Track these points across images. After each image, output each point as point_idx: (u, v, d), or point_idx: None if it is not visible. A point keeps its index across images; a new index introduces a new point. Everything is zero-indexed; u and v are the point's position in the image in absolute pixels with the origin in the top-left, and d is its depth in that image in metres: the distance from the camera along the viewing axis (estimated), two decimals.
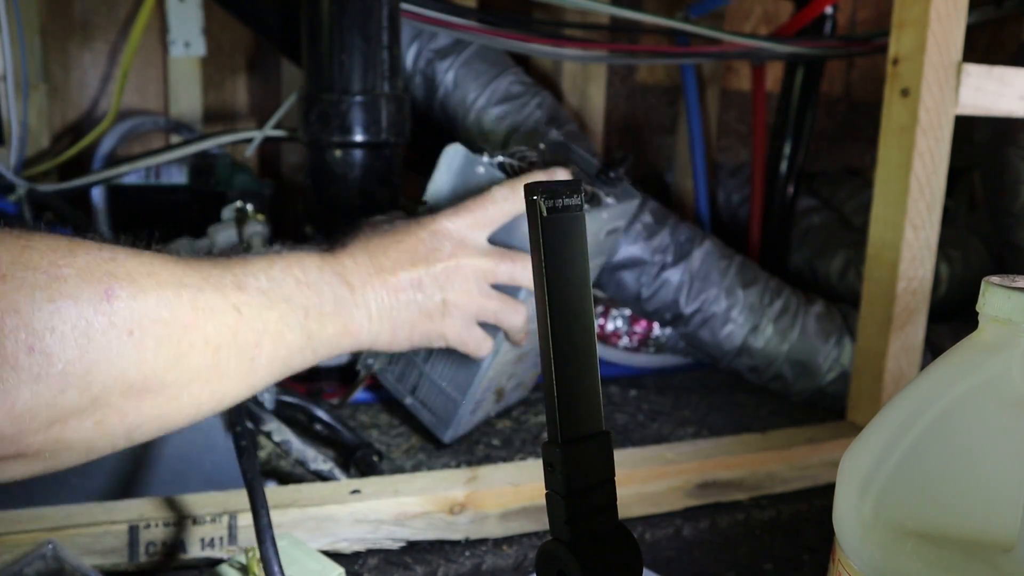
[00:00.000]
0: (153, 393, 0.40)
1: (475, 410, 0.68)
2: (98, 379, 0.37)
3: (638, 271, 0.90)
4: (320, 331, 0.51)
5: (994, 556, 0.29)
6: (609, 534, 0.34)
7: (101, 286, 0.38)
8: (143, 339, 0.39)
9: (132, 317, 0.39)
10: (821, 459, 0.69)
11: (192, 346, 0.42)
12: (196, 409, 0.44)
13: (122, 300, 0.38)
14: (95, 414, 0.38)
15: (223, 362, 0.44)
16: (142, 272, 0.40)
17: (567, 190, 0.32)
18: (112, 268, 0.39)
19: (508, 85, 0.93)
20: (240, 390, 0.46)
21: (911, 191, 0.72)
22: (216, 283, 0.44)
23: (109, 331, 0.38)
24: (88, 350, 0.37)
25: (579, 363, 0.32)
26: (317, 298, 0.51)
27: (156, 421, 0.42)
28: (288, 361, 0.49)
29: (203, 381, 0.43)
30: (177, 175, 1.01)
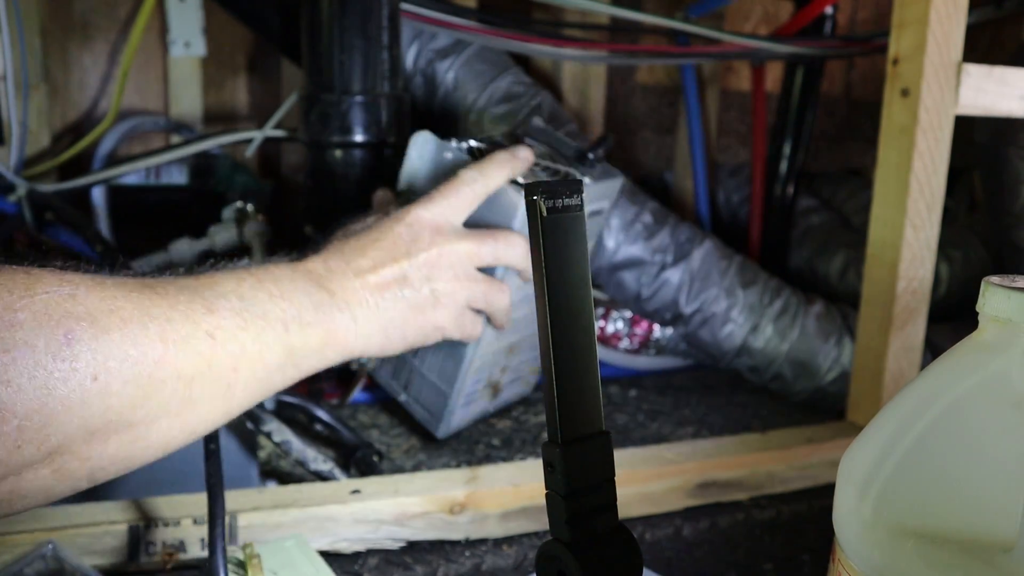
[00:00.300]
0: (118, 434, 0.38)
1: (467, 403, 0.68)
2: (58, 430, 0.35)
3: (638, 271, 0.90)
4: (303, 344, 0.48)
5: (994, 556, 0.29)
6: (609, 534, 0.34)
7: (60, 329, 0.35)
8: (108, 383, 0.37)
9: (95, 360, 0.36)
10: (821, 459, 0.69)
11: (163, 382, 0.39)
12: (165, 444, 0.42)
13: (83, 343, 0.36)
14: (54, 463, 0.36)
15: (196, 394, 0.41)
16: (103, 309, 0.37)
17: (567, 190, 0.32)
18: (71, 307, 0.36)
19: (508, 85, 0.93)
20: (215, 417, 0.44)
21: (911, 191, 0.72)
22: (185, 310, 0.42)
23: (71, 378, 0.35)
24: (47, 402, 0.34)
25: (579, 363, 0.32)
26: (295, 309, 0.48)
27: (121, 462, 0.39)
28: (267, 382, 0.47)
29: (173, 415, 0.41)
30: (177, 175, 1.01)
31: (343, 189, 0.81)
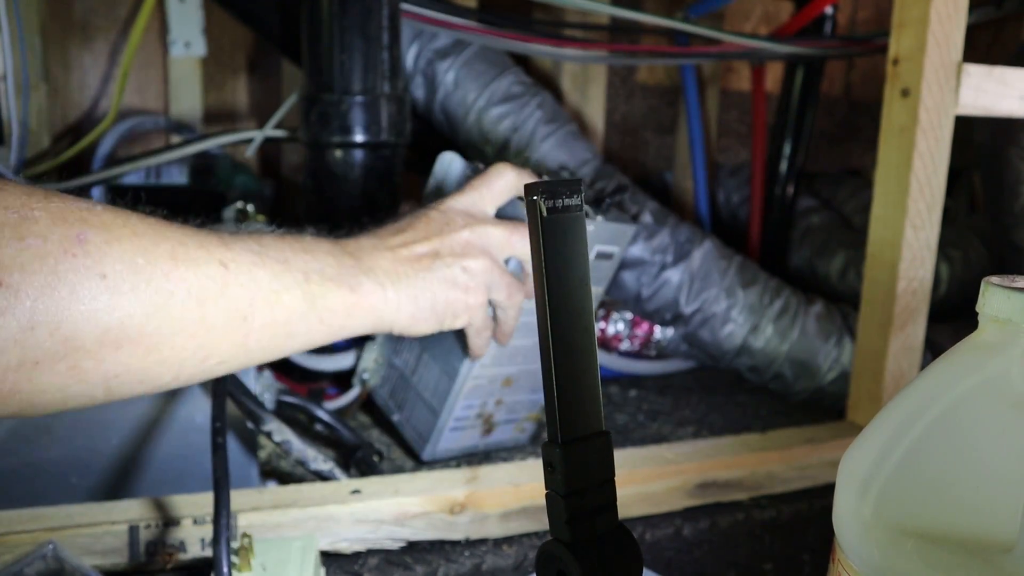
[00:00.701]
0: (131, 342, 0.39)
1: (456, 428, 0.67)
2: (69, 319, 0.37)
3: (638, 271, 0.90)
4: (324, 296, 0.48)
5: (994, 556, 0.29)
6: (609, 534, 0.34)
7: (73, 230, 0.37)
8: (117, 283, 0.38)
9: (104, 260, 0.38)
10: (821, 459, 0.69)
11: (172, 295, 0.40)
12: (179, 365, 0.42)
13: (94, 244, 0.38)
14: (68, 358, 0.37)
15: (210, 316, 0.42)
16: (117, 223, 0.40)
17: (567, 190, 0.32)
18: (86, 215, 0.39)
19: (508, 85, 0.93)
20: (233, 352, 0.44)
21: (911, 191, 0.72)
22: (200, 240, 0.43)
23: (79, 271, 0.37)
24: (57, 288, 0.36)
25: (579, 363, 0.32)
26: (317, 263, 0.48)
27: (136, 373, 0.40)
28: (289, 327, 0.46)
29: (188, 334, 0.41)
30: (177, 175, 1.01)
31: (343, 189, 0.81)
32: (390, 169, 0.82)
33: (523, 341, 0.66)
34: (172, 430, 0.60)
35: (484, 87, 0.92)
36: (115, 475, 0.59)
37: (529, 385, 0.70)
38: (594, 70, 1.19)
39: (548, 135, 0.93)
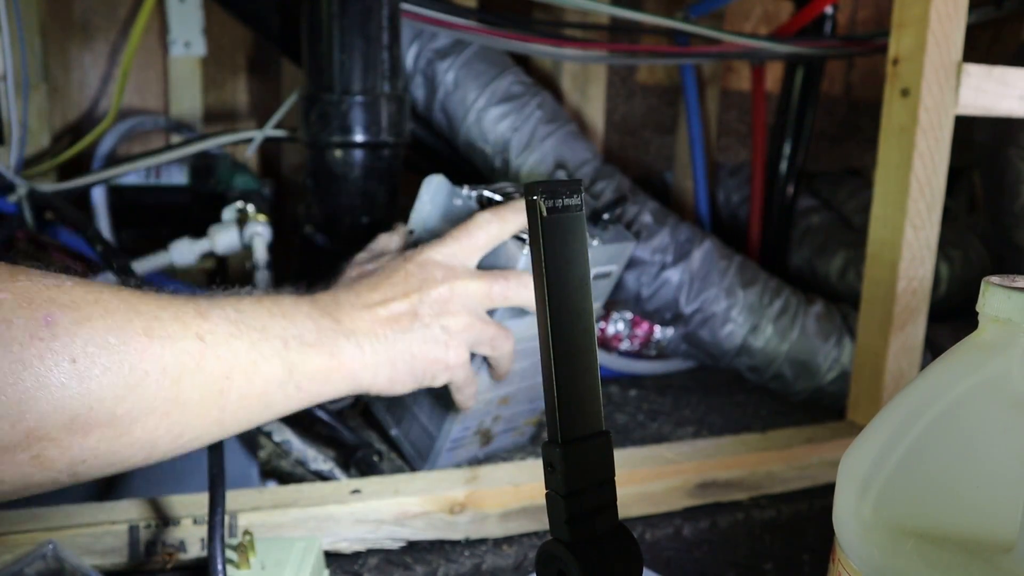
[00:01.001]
0: (101, 426, 0.37)
1: (454, 448, 0.67)
2: (34, 410, 0.34)
3: (638, 271, 0.90)
4: (303, 363, 0.46)
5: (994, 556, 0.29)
6: (609, 534, 0.34)
7: (40, 312, 0.35)
8: (88, 367, 0.36)
9: (74, 343, 0.36)
10: (821, 459, 0.69)
11: (147, 375, 0.38)
12: (151, 445, 0.40)
13: (62, 326, 0.35)
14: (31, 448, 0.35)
15: (185, 394, 0.40)
16: (88, 300, 0.37)
17: (567, 190, 0.32)
18: (55, 295, 0.36)
19: (508, 85, 0.93)
20: (207, 428, 0.42)
21: (911, 191, 0.72)
22: (175, 312, 0.41)
23: (47, 357, 0.35)
24: (23, 377, 0.34)
25: (579, 363, 0.32)
26: (296, 329, 0.46)
27: (104, 457, 0.38)
28: (266, 398, 0.45)
29: (161, 413, 0.39)
30: (177, 175, 1.01)
31: (343, 189, 0.81)
32: (390, 169, 0.82)
33: (520, 364, 0.65)
34: None
35: (484, 87, 0.92)
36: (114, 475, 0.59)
37: (527, 397, 0.70)
38: (594, 70, 1.19)
39: (548, 135, 0.93)
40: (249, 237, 0.84)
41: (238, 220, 0.86)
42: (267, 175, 1.15)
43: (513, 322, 0.61)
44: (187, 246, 0.85)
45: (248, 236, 0.84)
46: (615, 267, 0.67)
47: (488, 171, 0.95)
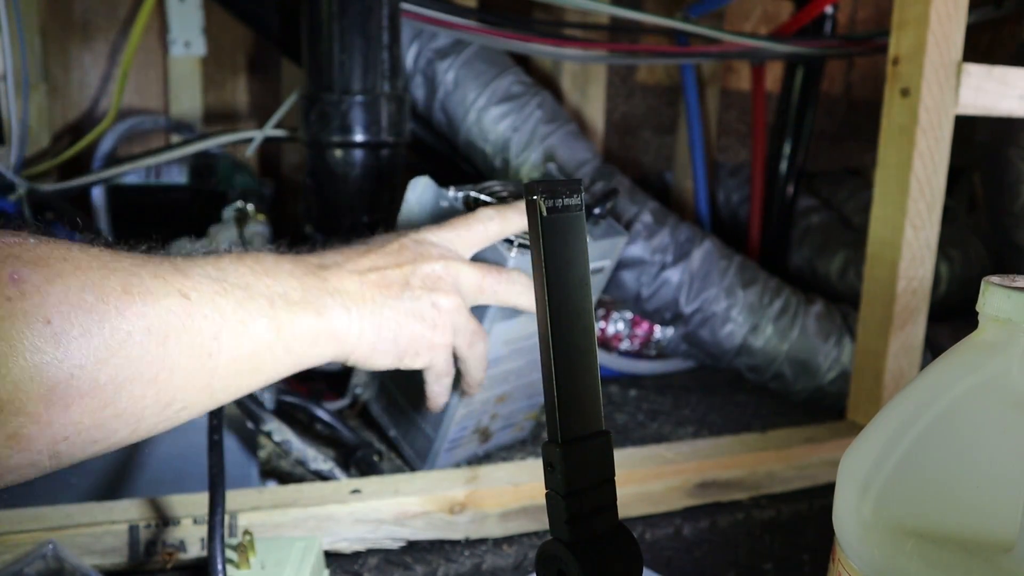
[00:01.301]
0: (83, 396, 0.33)
1: (453, 448, 0.67)
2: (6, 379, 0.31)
3: (638, 271, 0.90)
4: (291, 323, 0.43)
5: (994, 556, 0.29)
6: (609, 534, 0.34)
7: (5, 269, 0.31)
8: (63, 328, 0.32)
9: (46, 302, 0.32)
10: (821, 459, 0.69)
11: (130, 335, 0.34)
12: (138, 418, 0.36)
13: (31, 283, 0.32)
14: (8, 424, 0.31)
15: (172, 355, 0.36)
16: (55, 255, 0.34)
17: (567, 189, 0.32)
18: (18, 251, 0.33)
19: (508, 85, 0.93)
20: (196, 396, 0.39)
21: (911, 191, 0.72)
22: (153, 269, 0.37)
23: (17, 318, 0.31)
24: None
25: (579, 363, 0.32)
26: (280, 286, 0.43)
27: (87, 433, 0.34)
28: (255, 359, 0.41)
29: (146, 380, 0.36)
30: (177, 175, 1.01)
31: (343, 189, 0.81)
32: (390, 169, 0.82)
33: (515, 363, 0.65)
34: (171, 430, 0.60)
35: (484, 87, 0.92)
36: (114, 475, 0.59)
37: (524, 394, 0.70)
38: (594, 70, 1.19)
39: (548, 135, 0.93)
40: (249, 237, 0.84)
41: (238, 220, 0.86)
42: (267, 175, 1.15)
43: (506, 323, 0.61)
44: (187, 246, 0.85)
45: (248, 236, 0.84)
46: (607, 262, 0.67)
47: (488, 170, 0.95)
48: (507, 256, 0.58)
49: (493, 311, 0.59)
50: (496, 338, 0.61)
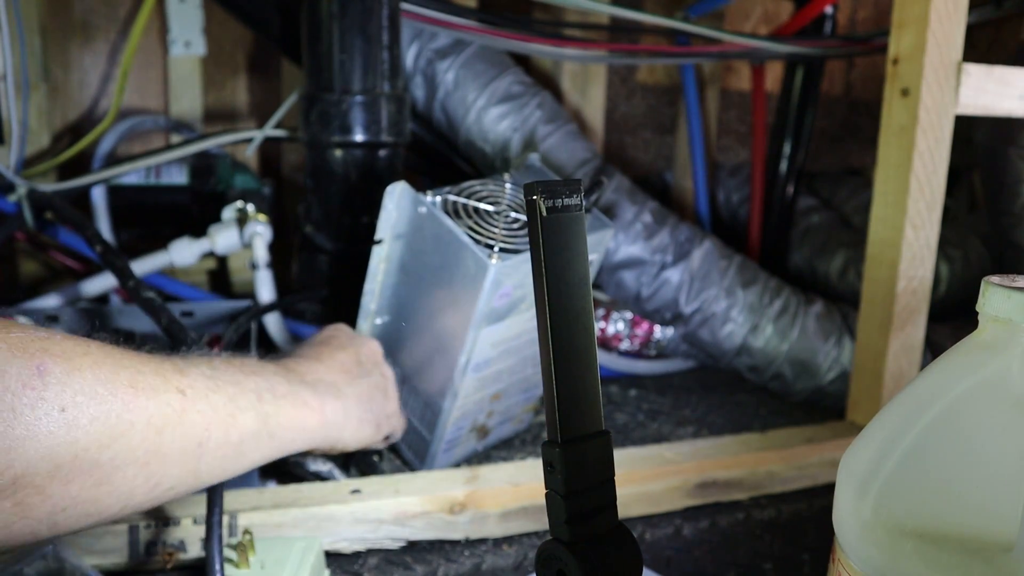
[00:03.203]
0: (83, 474, 0.38)
1: (450, 448, 0.67)
2: (22, 457, 0.35)
3: (638, 271, 0.90)
4: (277, 413, 0.49)
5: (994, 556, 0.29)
6: (609, 534, 0.34)
7: (33, 361, 0.36)
8: (76, 416, 0.37)
9: (64, 393, 0.37)
10: (821, 459, 0.69)
11: (132, 425, 0.40)
12: (128, 496, 0.41)
13: (54, 375, 0.37)
14: (16, 495, 0.36)
15: (166, 444, 0.41)
16: (78, 351, 0.39)
17: (566, 189, 0.32)
18: (47, 345, 0.38)
19: (508, 85, 0.93)
20: (183, 478, 0.44)
21: (911, 191, 0.72)
22: (156, 367, 0.43)
23: (38, 406, 0.36)
24: (13, 425, 0.35)
25: (579, 363, 0.32)
26: (267, 383, 0.49)
27: (84, 506, 0.39)
28: (242, 448, 0.46)
29: (140, 464, 0.40)
30: (177, 175, 1.01)
31: (343, 189, 0.81)
32: (390, 169, 0.82)
33: (507, 362, 0.65)
34: None
35: (484, 87, 0.92)
36: None
37: (519, 389, 0.70)
38: (594, 70, 1.19)
39: (548, 135, 0.93)
40: (249, 237, 0.84)
41: (238, 220, 0.86)
42: (267, 175, 1.15)
43: (491, 327, 0.61)
44: (187, 246, 0.85)
45: (248, 236, 0.84)
46: (595, 256, 0.67)
47: (488, 170, 0.96)
48: (488, 264, 0.57)
49: (477, 317, 0.59)
50: (483, 341, 0.61)
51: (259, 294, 0.81)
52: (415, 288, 0.63)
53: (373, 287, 0.64)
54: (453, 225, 0.58)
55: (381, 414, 0.59)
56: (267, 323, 0.78)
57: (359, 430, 0.56)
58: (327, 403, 0.53)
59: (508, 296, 0.59)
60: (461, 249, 0.58)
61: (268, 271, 0.81)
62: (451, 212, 0.60)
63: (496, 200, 0.63)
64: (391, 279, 0.64)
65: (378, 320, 0.66)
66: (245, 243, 0.85)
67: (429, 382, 0.64)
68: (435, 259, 0.60)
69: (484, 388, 0.65)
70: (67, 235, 0.88)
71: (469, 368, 0.61)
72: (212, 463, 0.45)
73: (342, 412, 0.54)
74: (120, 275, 0.67)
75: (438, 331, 0.62)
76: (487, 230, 0.59)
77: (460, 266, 0.59)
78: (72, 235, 0.88)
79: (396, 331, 0.66)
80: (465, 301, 0.59)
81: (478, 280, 0.57)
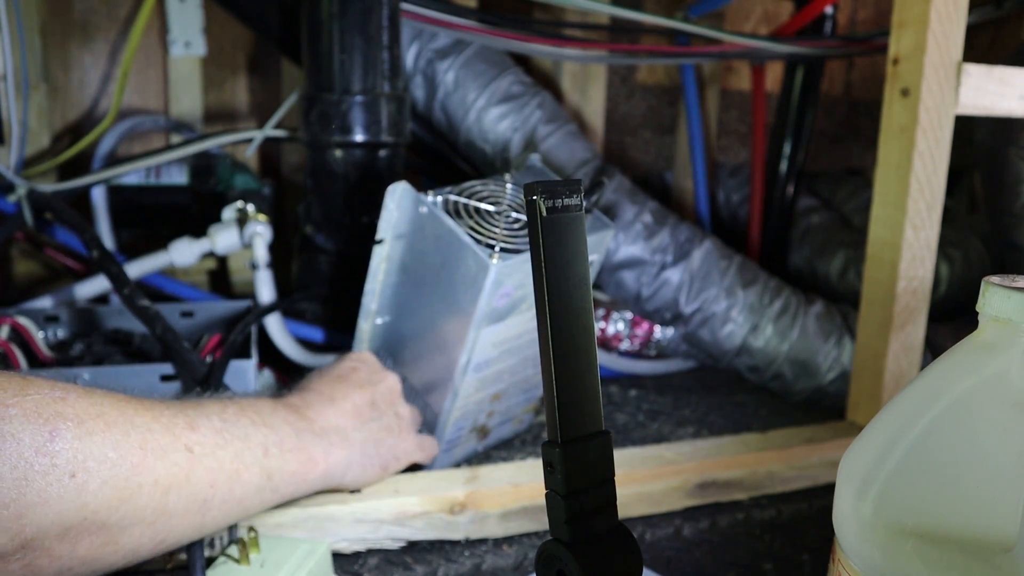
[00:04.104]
0: (90, 535, 0.39)
1: (450, 448, 0.67)
2: (33, 522, 0.36)
3: (638, 271, 0.90)
4: (281, 468, 0.50)
5: (994, 556, 0.29)
6: (609, 534, 0.34)
7: (47, 427, 0.37)
8: (86, 481, 0.38)
9: (75, 458, 0.38)
10: (821, 459, 0.69)
11: (140, 487, 0.41)
12: (134, 552, 0.42)
13: (66, 441, 0.38)
14: (25, 557, 0.37)
15: (172, 504, 0.43)
16: (91, 413, 0.40)
17: (566, 189, 0.32)
18: (60, 408, 0.38)
19: (508, 85, 0.93)
20: (187, 532, 0.45)
21: (911, 191, 0.72)
22: (167, 423, 0.44)
23: (50, 473, 0.37)
24: (25, 492, 0.36)
25: (579, 363, 0.32)
26: (275, 435, 0.50)
27: (89, 564, 0.40)
28: (244, 502, 0.48)
29: (147, 523, 0.42)
30: (177, 175, 1.01)
31: (343, 189, 0.81)
32: (390, 169, 0.82)
33: (507, 362, 0.65)
34: None
35: (484, 87, 0.92)
36: None
37: (519, 389, 0.70)
38: (594, 70, 1.19)
39: (548, 135, 0.93)
40: (249, 237, 0.84)
41: (238, 220, 0.86)
42: (267, 175, 1.15)
43: (493, 327, 0.61)
44: (187, 246, 0.85)
45: (248, 236, 0.84)
46: (595, 256, 0.67)
47: (488, 170, 0.95)
48: (489, 263, 0.57)
49: (478, 317, 0.59)
50: (484, 341, 0.61)
51: (259, 294, 0.81)
52: (416, 288, 0.63)
53: (374, 287, 0.64)
54: (454, 225, 0.58)
55: (389, 456, 0.59)
56: (267, 324, 0.78)
57: (362, 475, 0.57)
58: (332, 454, 0.54)
59: (509, 296, 0.59)
60: (462, 249, 0.58)
61: (268, 271, 0.81)
62: (452, 212, 0.60)
63: (497, 200, 0.63)
64: (392, 279, 0.64)
65: (379, 320, 0.66)
66: (245, 243, 0.85)
67: (429, 382, 0.64)
68: (436, 259, 0.60)
69: (484, 388, 0.65)
70: (66, 235, 0.88)
71: (470, 368, 0.61)
72: (216, 517, 0.46)
73: (344, 461, 0.55)
74: (115, 282, 0.67)
75: (439, 331, 0.62)
76: (488, 230, 0.59)
77: (461, 266, 0.59)
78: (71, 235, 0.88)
79: (397, 331, 0.66)
80: (466, 301, 0.59)
81: (479, 280, 0.57)
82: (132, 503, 0.40)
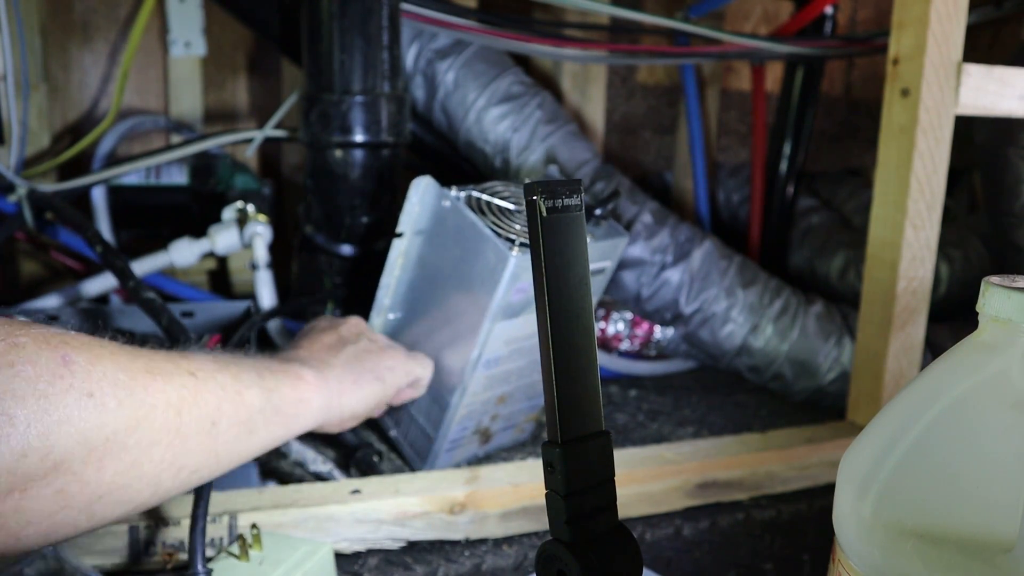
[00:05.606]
0: (114, 459, 0.40)
1: (453, 448, 0.67)
2: (60, 442, 0.37)
3: (638, 271, 0.90)
4: (277, 387, 0.51)
5: (994, 556, 0.29)
6: (609, 534, 0.34)
7: (58, 352, 0.38)
8: (103, 400, 0.39)
9: (90, 379, 0.39)
10: (821, 459, 0.69)
11: (154, 408, 0.42)
12: (157, 480, 0.43)
13: (79, 364, 0.39)
14: (56, 481, 0.38)
15: (185, 425, 0.44)
16: (95, 343, 0.42)
17: (567, 190, 0.32)
18: (66, 339, 0.40)
19: (508, 85, 0.93)
20: (204, 460, 0.46)
21: (911, 191, 0.72)
22: (165, 355, 0.46)
23: (68, 393, 0.38)
24: (48, 411, 0.37)
25: (579, 363, 0.32)
26: (264, 362, 0.53)
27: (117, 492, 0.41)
28: (251, 424, 0.49)
29: (165, 445, 0.43)
30: (177, 175, 1.01)
31: (343, 189, 0.81)
32: (390, 169, 0.82)
33: (516, 363, 0.65)
34: None
35: (484, 87, 0.92)
36: None
37: (525, 395, 0.70)
38: (594, 70, 1.19)
39: (548, 135, 0.93)
40: (249, 237, 0.84)
41: (238, 220, 0.86)
42: (267, 175, 1.15)
43: (507, 322, 0.61)
44: (187, 246, 0.85)
45: (248, 236, 0.84)
46: (609, 263, 0.67)
47: (488, 171, 0.95)
48: (508, 255, 0.58)
49: (494, 310, 0.59)
50: (496, 337, 0.61)
51: (259, 294, 0.81)
52: (432, 283, 0.64)
53: (389, 281, 0.65)
54: (476, 219, 0.60)
55: (379, 368, 0.60)
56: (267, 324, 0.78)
57: (359, 389, 0.58)
58: (319, 376, 0.55)
59: (524, 292, 0.60)
60: (483, 241, 0.59)
61: (268, 271, 0.81)
62: (474, 208, 0.61)
63: (518, 200, 0.64)
64: (407, 274, 0.65)
65: (391, 315, 0.67)
66: (245, 243, 0.85)
67: (439, 377, 0.65)
68: (455, 252, 0.61)
69: (492, 388, 0.65)
70: (67, 235, 0.88)
71: (480, 363, 0.62)
72: (227, 442, 0.47)
73: (336, 379, 0.56)
74: (120, 275, 0.67)
75: (453, 325, 0.63)
76: (508, 226, 0.61)
77: (480, 258, 0.59)
78: (72, 235, 0.88)
79: (408, 327, 0.67)
80: (483, 293, 0.60)
81: (497, 271, 0.58)
82: (148, 423, 0.41)
